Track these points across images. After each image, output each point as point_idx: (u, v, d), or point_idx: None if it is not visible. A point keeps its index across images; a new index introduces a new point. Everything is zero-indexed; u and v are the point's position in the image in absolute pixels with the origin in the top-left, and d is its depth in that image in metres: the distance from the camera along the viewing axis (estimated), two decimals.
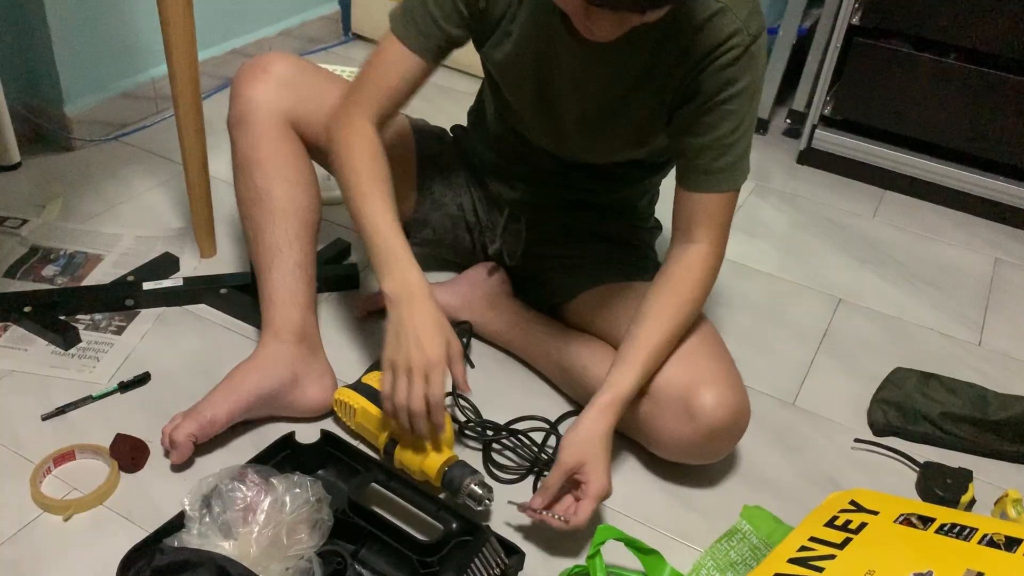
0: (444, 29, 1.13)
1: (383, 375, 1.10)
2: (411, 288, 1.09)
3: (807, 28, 2.18)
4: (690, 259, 1.15)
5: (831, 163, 2.12)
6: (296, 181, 1.25)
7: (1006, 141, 1.93)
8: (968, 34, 1.89)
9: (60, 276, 1.47)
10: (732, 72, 1.05)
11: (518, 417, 1.27)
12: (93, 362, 1.30)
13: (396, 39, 1.15)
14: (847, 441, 1.33)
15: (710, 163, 1.10)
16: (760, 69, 1.08)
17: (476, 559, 0.98)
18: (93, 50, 1.81)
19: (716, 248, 1.16)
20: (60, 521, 1.07)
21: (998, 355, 1.56)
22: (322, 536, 0.99)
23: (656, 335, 1.12)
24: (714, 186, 1.12)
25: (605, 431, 1.08)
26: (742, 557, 1.06)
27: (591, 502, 1.05)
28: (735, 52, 1.04)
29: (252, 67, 1.27)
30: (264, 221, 1.24)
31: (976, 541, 0.91)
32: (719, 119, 1.08)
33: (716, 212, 1.14)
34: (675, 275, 1.15)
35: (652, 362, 1.12)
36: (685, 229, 1.16)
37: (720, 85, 1.06)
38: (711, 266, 1.16)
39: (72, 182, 1.72)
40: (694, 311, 1.15)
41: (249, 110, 1.25)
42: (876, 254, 1.83)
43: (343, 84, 1.32)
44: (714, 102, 1.07)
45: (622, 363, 1.11)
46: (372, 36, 2.49)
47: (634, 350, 1.12)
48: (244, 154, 1.25)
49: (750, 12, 1.04)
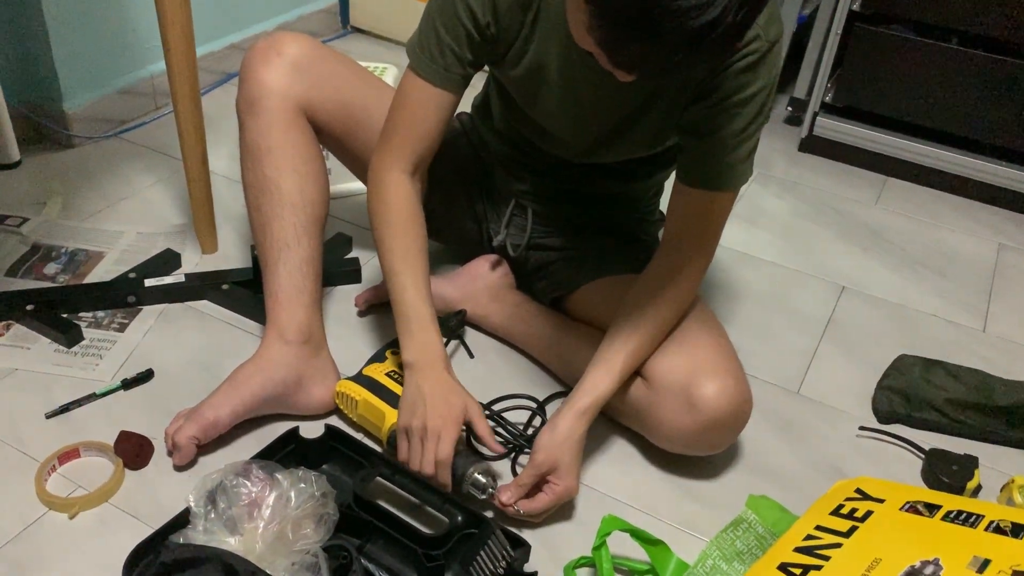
0: (463, 59, 1.12)
1: (399, 442, 1.11)
2: (430, 356, 1.12)
3: (807, 15, 2.17)
4: (676, 261, 1.15)
5: (833, 150, 2.12)
6: (306, 173, 1.24)
7: (1009, 126, 1.92)
8: (969, 19, 1.88)
9: (62, 274, 1.47)
10: (748, 76, 1.04)
11: (506, 395, 1.28)
12: (96, 359, 1.30)
13: (419, 77, 1.13)
14: (852, 429, 1.33)
15: (712, 160, 1.09)
16: (775, 74, 1.07)
17: (482, 552, 0.98)
18: (91, 47, 1.80)
19: (703, 252, 1.15)
20: (66, 519, 1.07)
21: (1002, 341, 1.56)
22: (328, 531, 0.99)
23: (636, 338, 1.12)
24: (712, 183, 1.11)
25: (581, 435, 1.10)
26: (748, 547, 1.06)
27: (553, 500, 1.08)
28: (752, 58, 1.03)
29: (265, 49, 1.24)
30: (272, 213, 1.22)
31: (982, 528, 0.90)
32: (728, 119, 1.07)
33: (710, 212, 1.13)
34: (660, 276, 1.15)
35: (630, 366, 1.13)
36: (676, 229, 1.15)
37: (734, 88, 1.05)
38: (697, 269, 1.15)
39: (72, 180, 1.72)
40: (677, 313, 1.15)
41: (261, 95, 1.22)
42: (879, 241, 1.82)
43: (357, 69, 1.31)
44: (726, 103, 1.06)
45: (601, 365, 1.12)
46: (370, 29, 2.48)
47: (612, 352, 1.12)
48: (254, 141, 1.23)
49: (769, 18, 1.03)
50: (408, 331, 1.14)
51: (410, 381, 1.11)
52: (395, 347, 1.26)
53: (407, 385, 1.12)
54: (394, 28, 2.42)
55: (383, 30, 2.46)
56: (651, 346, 1.14)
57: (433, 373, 1.11)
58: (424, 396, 1.08)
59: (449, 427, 1.07)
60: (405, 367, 1.13)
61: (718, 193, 1.12)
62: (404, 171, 1.17)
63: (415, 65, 1.13)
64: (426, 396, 1.08)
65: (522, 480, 1.08)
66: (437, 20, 1.10)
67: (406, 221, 1.18)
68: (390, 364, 1.24)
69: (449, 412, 1.08)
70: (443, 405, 1.08)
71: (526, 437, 1.22)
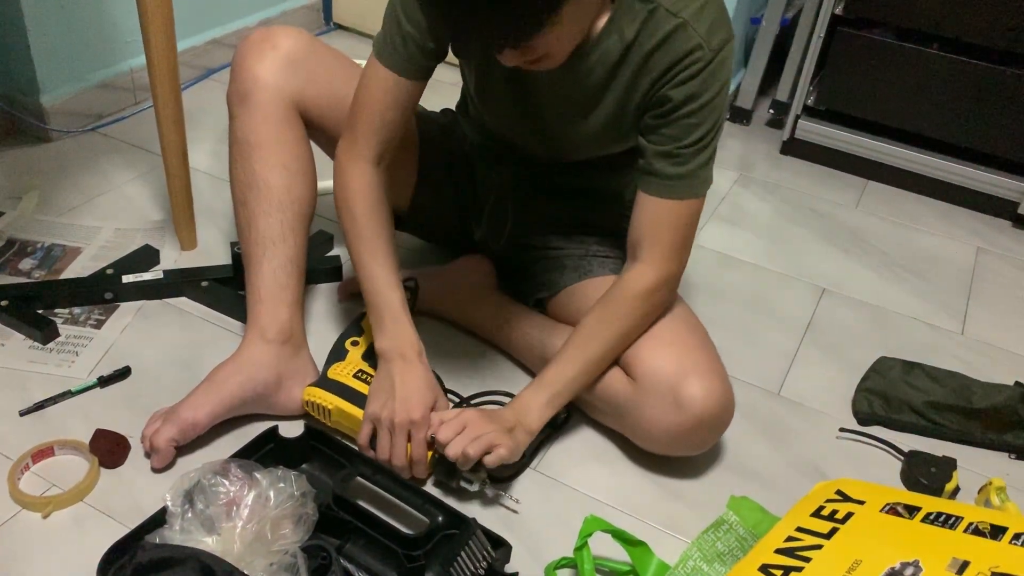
0: (424, 48, 1.12)
1: (363, 426, 1.12)
2: (404, 347, 1.13)
3: (790, 18, 2.18)
4: (630, 280, 1.15)
5: (814, 153, 2.13)
6: (296, 171, 1.23)
7: (988, 131, 1.94)
8: (951, 24, 1.90)
9: (37, 269, 1.45)
10: (693, 87, 1.05)
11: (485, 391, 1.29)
12: (72, 356, 1.28)
13: (381, 65, 1.14)
14: (832, 431, 1.34)
15: (669, 169, 1.09)
16: (723, 81, 1.07)
17: (462, 552, 0.97)
18: (70, 39, 1.78)
19: (661, 268, 1.14)
20: (39, 519, 1.05)
21: (981, 344, 1.57)
22: (307, 531, 0.98)
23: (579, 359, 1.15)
24: (671, 192, 1.10)
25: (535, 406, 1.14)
26: (729, 548, 1.06)
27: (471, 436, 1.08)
28: (695, 68, 1.04)
29: (260, 41, 1.22)
30: (258, 209, 1.21)
31: (962, 530, 0.91)
32: (681, 130, 1.08)
33: (669, 223, 1.12)
34: (613, 296, 1.16)
35: (572, 390, 1.15)
36: (635, 244, 1.15)
37: (682, 99, 1.06)
38: (652, 286, 1.14)
39: (49, 174, 1.70)
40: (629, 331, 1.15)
41: (254, 89, 1.20)
42: (859, 244, 1.84)
43: (350, 65, 1.30)
44: (677, 115, 1.07)
45: (538, 384, 1.15)
46: (353, 26, 2.47)
47: (552, 370, 1.15)
48: (244, 135, 1.22)
49: (712, 25, 1.03)
50: (380, 320, 1.15)
51: (383, 369, 1.13)
52: (354, 335, 1.26)
53: (379, 372, 1.13)
54: (377, 25, 2.39)
55: (366, 27, 2.44)
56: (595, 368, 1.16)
57: (406, 365, 1.12)
58: (395, 387, 1.10)
59: (420, 426, 1.09)
60: (378, 354, 1.14)
61: (677, 203, 1.11)
62: (368, 160, 1.18)
63: (378, 54, 1.14)
64: (396, 388, 1.10)
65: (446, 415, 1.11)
66: (399, 9, 1.11)
67: (370, 209, 1.18)
68: (355, 361, 1.22)
69: (419, 411, 1.10)
70: (415, 397, 1.10)
71: None
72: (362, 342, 1.25)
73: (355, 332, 1.27)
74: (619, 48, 1.06)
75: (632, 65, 1.07)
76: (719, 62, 1.05)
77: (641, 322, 1.15)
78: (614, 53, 1.07)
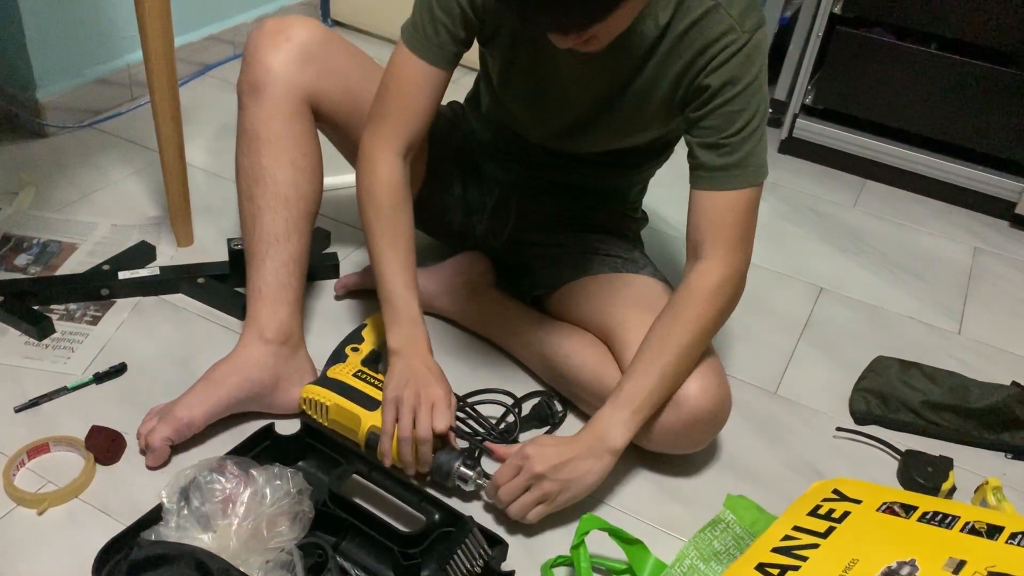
0: (455, 35, 1.11)
1: (384, 411, 1.10)
2: (417, 346, 1.14)
3: (788, 17, 2.17)
4: (694, 280, 1.10)
5: (812, 152, 2.13)
6: (304, 167, 1.21)
7: (986, 131, 1.94)
8: (949, 24, 1.89)
9: (33, 265, 1.44)
10: (730, 70, 1.04)
11: (484, 388, 1.29)
12: (68, 353, 1.28)
13: (412, 53, 1.12)
14: (829, 430, 1.34)
15: (717, 160, 1.07)
16: (760, 65, 1.06)
17: (459, 550, 0.97)
18: (67, 35, 1.77)
19: (725, 261, 1.09)
20: (34, 515, 1.05)
21: (978, 343, 1.57)
22: (303, 528, 0.98)
23: (655, 370, 1.08)
24: (723, 183, 1.08)
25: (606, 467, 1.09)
26: (726, 547, 1.06)
27: (526, 492, 1.06)
28: (729, 51, 1.03)
29: (274, 32, 1.20)
30: (264, 205, 1.20)
31: (958, 529, 0.91)
32: (723, 120, 1.06)
33: (726, 216, 1.08)
34: (680, 299, 1.10)
35: (652, 403, 1.09)
36: (695, 244, 1.11)
37: (720, 85, 1.04)
38: (719, 281, 1.09)
39: (45, 169, 1.69)
40: (703, 333, 1.10)
41: (266, 81, 1.19)
42: (857, 243, 1.83)
43: (364, 58, 1.29)
44: (716, 102, 1.05)
45: (614, 401, 1.08)
46: (351, 23, 2.46)
47: (628, 384, 1.08)
48: (253, 127, 1.20)
49: (745, 9, 1.03)
50: (395, 319, 1.15)
51: (398, 361, 1.13)
52: (355, 342, 1.25)
53: (394, 365, 1.13)
54: (376, 22, 2.40)
55: (365, 24, 2.44)
56: (676, 376, 1.10)
57: (420, 359, 1.13)
58: (414, 372, 1.11)
59: (442, 401, 1.09)
60: (391, 351, 1.14)
61: (731, 194, 1.08)
62: (397, 153, 1.16)
63: (408, 42, 1.13)
64: (416, 372, 1.11)
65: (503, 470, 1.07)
66: None
67: (395, 206, 1.17)
68: (354, 363, 1.22)
69: (439, 390, 1.10)
70: (433, 383, 1.11)
71: (497, 431, 1.22)
72: (363, 349, 1.25)
73: (356, 340, 1.27)
74: (654, 32, 1.05)
75: (665, 48, 1.06)
76: (754, 45, 1.04)
77: (715, 322, 1.10)
78: (649, 37, 1.06)
